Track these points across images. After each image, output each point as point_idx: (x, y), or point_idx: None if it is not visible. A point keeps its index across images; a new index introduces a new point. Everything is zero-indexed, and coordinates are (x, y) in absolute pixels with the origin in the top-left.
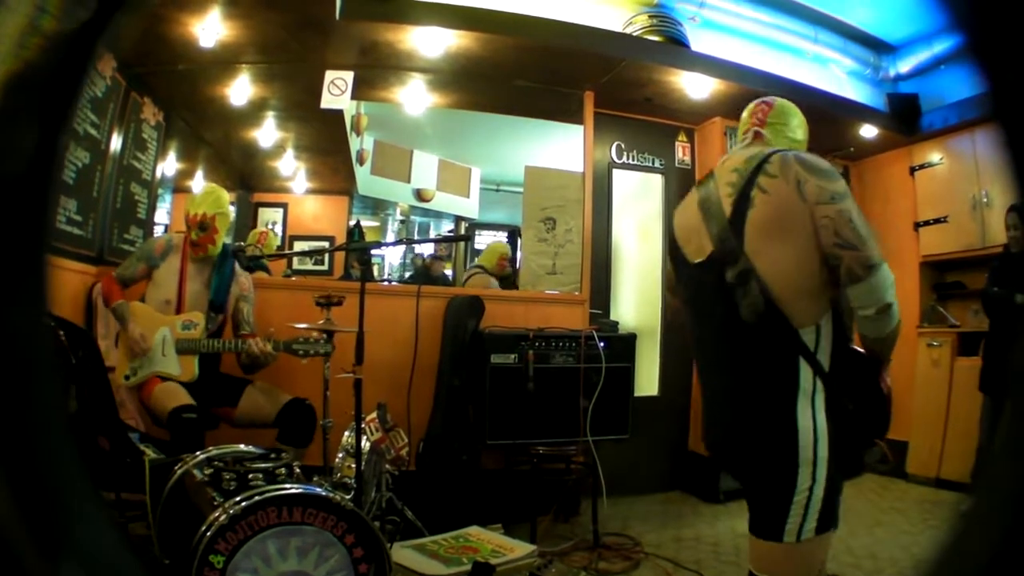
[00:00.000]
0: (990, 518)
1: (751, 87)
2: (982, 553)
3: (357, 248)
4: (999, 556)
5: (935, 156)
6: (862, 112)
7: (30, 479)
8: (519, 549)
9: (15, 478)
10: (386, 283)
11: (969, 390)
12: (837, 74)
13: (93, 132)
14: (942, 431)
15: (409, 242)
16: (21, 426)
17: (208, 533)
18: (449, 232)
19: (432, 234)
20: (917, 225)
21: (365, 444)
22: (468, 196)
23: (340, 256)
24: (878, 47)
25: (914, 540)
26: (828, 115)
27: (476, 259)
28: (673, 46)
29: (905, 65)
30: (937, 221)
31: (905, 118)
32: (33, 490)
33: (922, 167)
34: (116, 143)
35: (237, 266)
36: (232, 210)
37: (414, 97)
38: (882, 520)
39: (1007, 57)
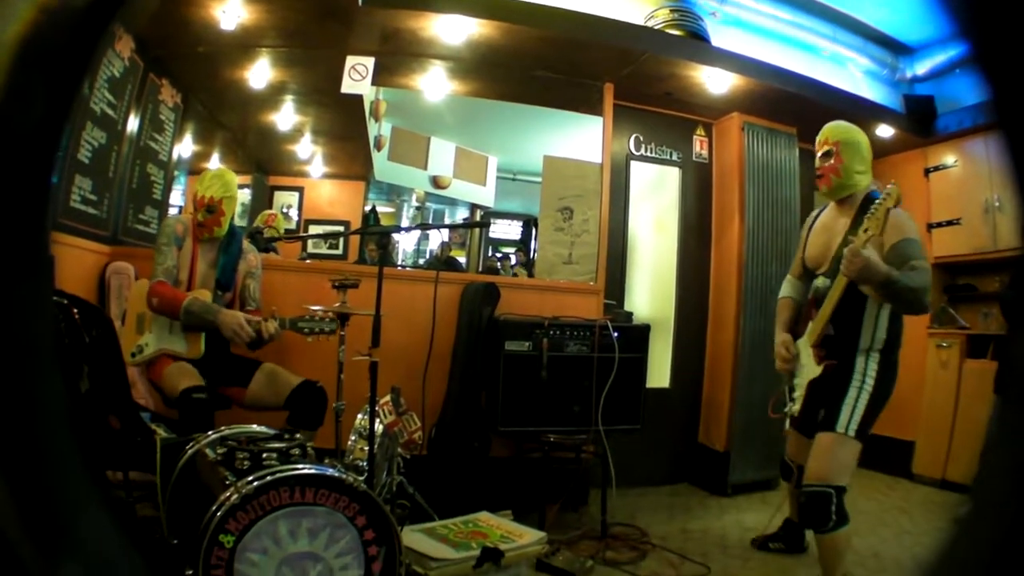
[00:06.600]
0: (989, 518)
1: (770, 83)
2: (981, 553)
3: (375, 232)
4: (998, 556)
5: (949, 159)
6: (879, 112)
7: (30, 477)
8: (528, 536)
9: (14, 476)
10: (401, 268)
11: (977, 392)
12: (854, 73)
13: (110, 112)
14: (949, 432)
15: (426, 227)
16: (21, 423)
17: (219, 513)
18: (464, 220)
19: (447, 221)
20: (930, 226)
21: (378, 427)
22: (484, 184)
23: (355, 240)
24: (895, 48)
25: (917, 541)
26: (845, 114)
27: None
28: (694, 41)
29: (921, 67)
30: (950, 223)
31: (921, 120)
32: (33, 488)
33: (936, 169)
34: (133, 124)
35: (246, 244)
36: (244, 193)
37: (434, 84)
38: (886, 520)
39: (1010, 66)
